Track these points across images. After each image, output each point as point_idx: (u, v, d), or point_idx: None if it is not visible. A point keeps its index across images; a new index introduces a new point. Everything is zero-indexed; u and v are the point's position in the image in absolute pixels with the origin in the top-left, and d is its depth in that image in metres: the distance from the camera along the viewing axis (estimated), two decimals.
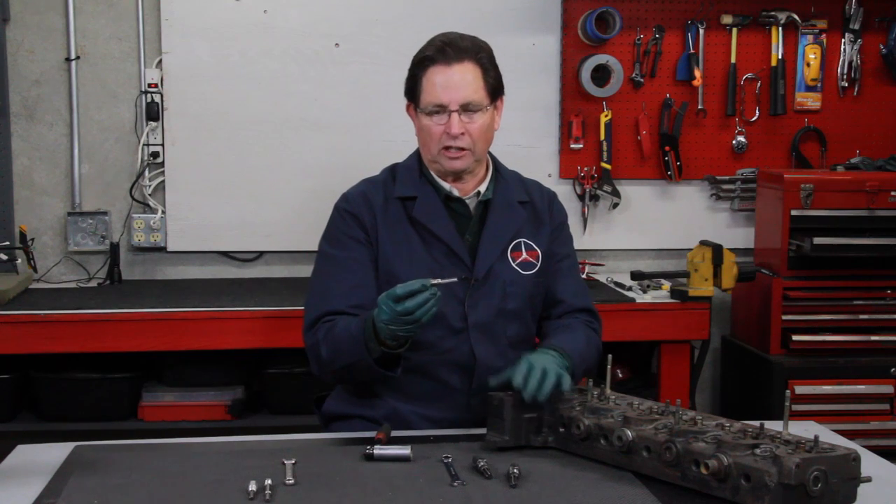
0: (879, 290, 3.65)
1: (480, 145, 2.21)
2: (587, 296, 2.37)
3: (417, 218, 2.22)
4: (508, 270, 2.24)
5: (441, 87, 2.16)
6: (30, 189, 3.82)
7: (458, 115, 2.16)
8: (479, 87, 2.18)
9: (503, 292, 2.22)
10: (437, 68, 2.17)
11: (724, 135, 4.05)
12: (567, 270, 2.33)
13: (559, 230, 2.35)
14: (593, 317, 2.34)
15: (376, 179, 2.31)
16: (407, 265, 2.20)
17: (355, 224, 2.23)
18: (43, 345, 3.24)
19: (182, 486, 1.78)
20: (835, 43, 4.05)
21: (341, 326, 2.12)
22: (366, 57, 3.84)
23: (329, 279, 2.21)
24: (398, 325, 1.98)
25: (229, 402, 3.49)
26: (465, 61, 2.17)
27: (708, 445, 1.71)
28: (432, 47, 2.20)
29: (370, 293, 2.18)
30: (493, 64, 2.23)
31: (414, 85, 2.22)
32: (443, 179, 2.25)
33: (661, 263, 4.05)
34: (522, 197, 2.31)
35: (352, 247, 2.22)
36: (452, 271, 2.18)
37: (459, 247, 2.21)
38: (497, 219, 2.25)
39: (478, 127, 2.18)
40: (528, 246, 2.28)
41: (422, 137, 2.24)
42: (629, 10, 3.92)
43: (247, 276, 3.92)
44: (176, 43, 3.77)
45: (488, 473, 1.82)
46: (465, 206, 2.26)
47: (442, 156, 2.20)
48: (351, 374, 2.17)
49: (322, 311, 2.17)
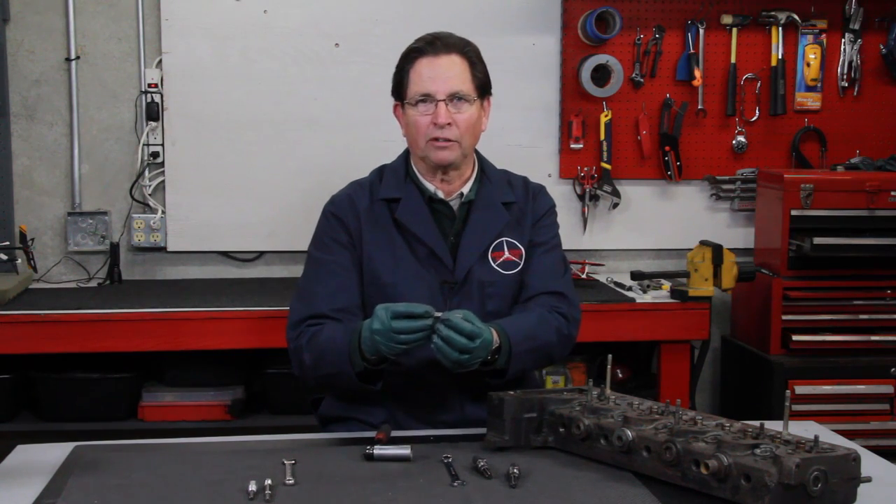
0: (879, 290, 3.65)
1: (468, 139, 2.21)
2: (558, 279, 2.29)
3: (400, 219, 2.23)
4: (488, 272, 2.23)
5: (428, 78, 2.18)
6: (30, 189, 3.82)
7: (444, 104, 2.16)
8: (466, 80, 2.19)
9: (482, 294, 2.22)
10: (425, 59, 2.19)
11: (724, 135, 4.05)
12: (540, 255, 2.28)
13: (542, 220, 2.32)
14: (561, 299, 2.25)
15: (363, 181, 2.32)
16: (391, 267, 2.21)
17: (340, 227, 2.25)
18: (43, 345, 3.25)
19: (182, 486, 1.78)
20: (835, 43, 4.04)
21: (326, 335, 2.13)
22: (366, 57, 3.84)
23: (313, 282, 2.23)
24: (384, 340, 1.98)
25: (229, 402, 3.49)
26: (452, 53, 2.20)
27: (708, 445, 1.71)
28: (421, 41, 2.22)
29: (353, 297, 2.21)
30: (480, 60, 2.24)
31: (401, 79, 2.23)
32: (429, 179, 2.26)
33: (661, 263, 4.05)
34: (507, 197, 2.29)
35: (336, 250, 2.24)
36: (435, 273, 2.20)
37: (441, 249, 2.22)
38: (478, 221, 2.25)
39: (465, 118, 2.18)
40: (511, 245, 2.26)
41: (409, 133, 2.24)
42: (629, 10, 3.92)
43: (247, 276, 3.92)
44: (176, 43, 3.78)
45: (488, 473, 1.82)
46: (449, 208, 2.26)
47: (430, 147, 2.19)
48: (333, 383, 2.19)
49: (305, 314, 2.20)
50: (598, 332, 3.36)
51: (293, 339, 2.20)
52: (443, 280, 2.21)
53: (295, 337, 2.19)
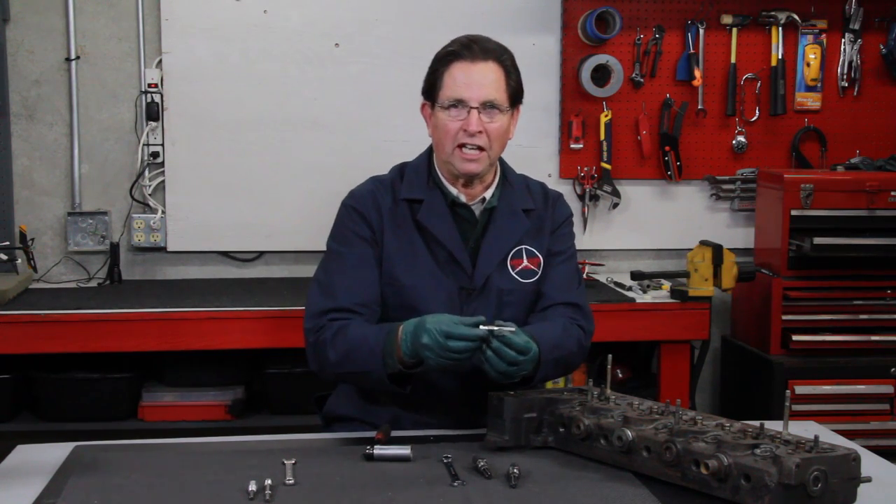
0: (879, 290, 3.65)
1: (496, 148, 2.18)
2: (574, 291, 2.28)
3: (422, 222, 2.21)
4: (506, 279, 2.22)
5: (463, 83, 2.14)
6: (30, 189, 3.82)
7: (477, 112, 2.13)
8: (500, 88, 2.16)
9: (499, 301, 2.21)
10: (461, 64, 2.15)
11: (724, 135, 4.05)
12: (557, 265, 2.28)
13: (560, 228, 2.32)
14: (578, 311, 2.26)
15: (384, 179, 2.29)
16: (409, 268, 2.19)
17: (362, 222, 2.22)
18: (43, 345, 3.24)
19: (182, 486, 1.78)
20: (835, 43, 4.05)
21: (355, 332, 2.10)
22: (366, 57, 3.84)
23: (334, 275, 2.19)
24: (435, 356, 1.95)
25: (229, 402, 3.49)
26: (489, 60, 2.15)
27: (708, 445, 1.71)
28: (457, 43, 2.18)
29: (374, 292, 2.18)
30: (515, 68, 2.20)
31: (434, 80, 2.19)
32: (452, 183, 2.23)
33: (661, 263, 4.05)
34: (527, 204, 2.28)
35: (358, 244, 2.21)
36: (453, 278, 2.19)
37: (461, 254, 2.20)
38: (499, 228, 2.23)
39: (496, 128, 2.15)
40: (530, 253, 2.25)
41: (436, 135, 2.20)
42: (629, 10, 3.92)
43: (247, 276, 3.92)
44: (176, 43, 3.78)
45: (488, 473, 1.82)
46: (470, 212, 2.24)
47: (456, 156, 2.16)
48: (357, 380, 2.17)
49: (327, 306, 2.15)
50: (597, 332, 3.28)
51: (313, 332, 2.15)
52: (461, 286, 2.19)
53: (315, 329, 2.14)
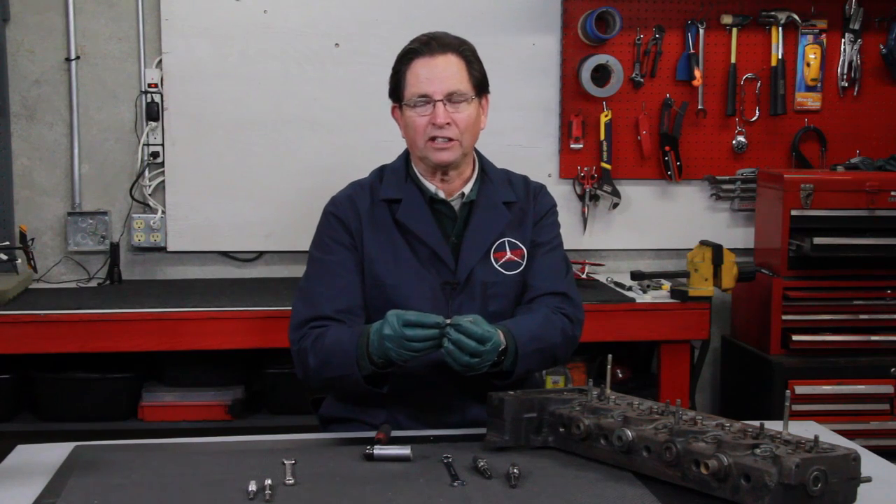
0: (879, 290, 3.65)
1: (467, 138, 2.20)
2: (561, 279, 2.28)
3: (402, 220, 2.22)
4: (490, 272, 2.23)
5: (425, 78, 2.17)
6: (30, 189, 3.82)
7: (442, 104, 2.16)
8: (463, 79, 2.19)
9: (484, 294, 2.22)
10: (421, 60, 2.18)
11: (724, 135, 4.05)
12: (542, 256, 2.28)
13: (543, 219, 2.31)
14: (565, 300, 2.25)
15: (364, 182, 2.31)
16: (392, 268, 2.21)
17: (341, 228, 2.24)
18: (43, 345, 3.25)
19: (182, 486, 1.78)
20: (835, 43, 4.05)
21: (331, 337, 2.12)
22: (366, 57, 3.84)
23: (315, 283, 2.23)
24: (395, 346, 1.98)
25: (229, 402, 3.49)
26: (448, 53, 2.19)
27: (708, 445, 1.71)
28: (416, 42, 2.22)
29: (356, 297, 2.20)
30: (476, 58, 2.24)
31: (398, 81, 2.23)
32: (429, 179, 2.25)
33: (661, 263, 4.05)
34: (508, 197, 2.29)
35: (338, 251, 2.23)
36: (436, 274, 2.20)
37: (443, 250, 2.21)
38: (479, 221, 2.24)
39: (464, 117, 2.18)
40: (513, 245, 2.26)
41: (408, 134, 2.24)
42: (629, 10, 3.92)
43: (247, 276, 3.92)
44: (176, 43, 3.78)
45: (488, 473, 1.82)
46: (450, 208, 2.26)
47: (428, 148, 2.19)
48: (338, 385, 2.18)
49: (309, 315, 2.18)
50: (598, 332, 3.36)
51: (296, 342, 2.19)
52: (444, 281, 2.21)
53: (298, 339, 2.18)
